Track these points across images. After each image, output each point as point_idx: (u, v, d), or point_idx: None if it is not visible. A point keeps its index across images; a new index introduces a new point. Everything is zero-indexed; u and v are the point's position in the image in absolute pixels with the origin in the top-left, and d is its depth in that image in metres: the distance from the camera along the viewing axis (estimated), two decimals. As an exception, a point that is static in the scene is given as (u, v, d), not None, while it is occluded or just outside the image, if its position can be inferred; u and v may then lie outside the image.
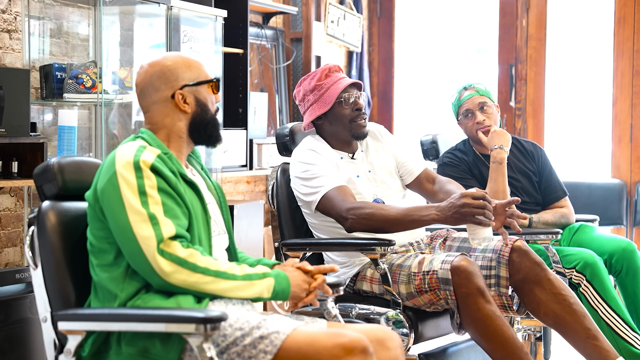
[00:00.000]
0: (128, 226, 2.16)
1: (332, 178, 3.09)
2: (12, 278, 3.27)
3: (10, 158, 3.32)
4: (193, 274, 2.16)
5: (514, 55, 6.00)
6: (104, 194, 2.20)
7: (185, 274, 2.15)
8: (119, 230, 2.17)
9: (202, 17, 4.32)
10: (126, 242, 2.16)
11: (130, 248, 2.16)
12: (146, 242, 2.14)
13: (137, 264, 2.17)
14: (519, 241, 3.08)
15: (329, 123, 3.24)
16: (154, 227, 2.15)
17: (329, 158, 3.18)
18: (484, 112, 3.81)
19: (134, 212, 2.16)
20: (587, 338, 3.01)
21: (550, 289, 3.03)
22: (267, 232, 5.13)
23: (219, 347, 2.11)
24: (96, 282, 2.25)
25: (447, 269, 2.88)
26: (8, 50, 3.65)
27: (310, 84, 3.23)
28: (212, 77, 2.40)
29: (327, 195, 3.06)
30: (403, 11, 6.50)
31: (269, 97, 5.37)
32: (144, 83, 2.35)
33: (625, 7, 5.74)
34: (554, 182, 3.90)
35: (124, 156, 2.22)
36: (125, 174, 2.19)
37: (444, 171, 3.82)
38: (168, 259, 2.14)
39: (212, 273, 2.18)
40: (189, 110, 2.35)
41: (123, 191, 2.17)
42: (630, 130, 5.72)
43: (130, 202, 2.16)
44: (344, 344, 2.07)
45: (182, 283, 2.15)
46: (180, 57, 2.38)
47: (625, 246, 3.60)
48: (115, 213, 2.17)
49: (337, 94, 3.19)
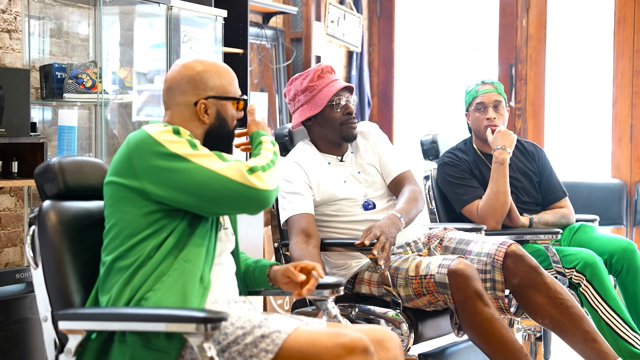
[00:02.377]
0: (201, 169, 2.18)
1: (298, 205, 3.10)
2: (12, 278, 3.27)
3: (10, 158, 3.32)
4: (274, 168, 2.27)
5: (514, 55, 6.00)
6: (151, 167, 2.19)
7: (273, 173, 2.25)
8: (191, 182, 2.17)
9: (202, 17, 4.31)
10: (207, 185, 2.17)
11: (215, 185, 2.17)
12: (230, 171, 2.17)
13: (230, 196, 2.18)
14: (514, 245, 3.07)
15: (318, 125, 3.22)
16: (226, 160, 2.21)
17: (313, 170, 3.17)
18: (496, 110, 3.83)
19: (199, 157, 2.19)
20: (586, 340, 3.01)
21: (546, 292, 3.03)
22: (267, 232, 5.13)
23: (220, 345, 2.12)
24: (109, 269, 2.23)
25: (444, 273, 2.87)
26: (8, 50, 3.65)
27: (302, 84, 3.20)
28: (240, 95, 2.41)
29: (288, 221, 3.12)
30: (403, 11, 6.50)
31: (269, 97, 5.37)
32: (174, 82, 2.36)
33: (625, 7, 5.74)
34: (554, 183, 3.91)
35: (157, 128, 2.24)
36: (167, 137, 2.21)
37: (444, 171, 3.82)
38: (256, 172, 2.20)
39: (274, 156, 2.32)
40: (207, 121, 2.36)
41: (174, 149, 2.19)
42: (630, 130, 5.72)
43: (189, 152, 2.19)
44: (345, 343, 2.07)
45: (275, 183, 2.25)
46: (215, 66, 2.39)
47: (626, 246, 3.60)
48: (179, 171, 2.17)
49: (329, 97, 3.16)
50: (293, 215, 3.09)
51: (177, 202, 2.20)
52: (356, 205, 3.16)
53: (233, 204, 2.20)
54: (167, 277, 2.19)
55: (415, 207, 3.10)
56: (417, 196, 3.14)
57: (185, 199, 2.19)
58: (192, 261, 2.22)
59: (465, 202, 3.71)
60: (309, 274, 2.40)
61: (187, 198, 2.18)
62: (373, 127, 3.35)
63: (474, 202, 3.70)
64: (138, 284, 2.19)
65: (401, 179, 3.23)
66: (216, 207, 2.20)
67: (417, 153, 4.12)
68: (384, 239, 2.89)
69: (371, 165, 3.26)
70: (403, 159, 3.29)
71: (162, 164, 2.18)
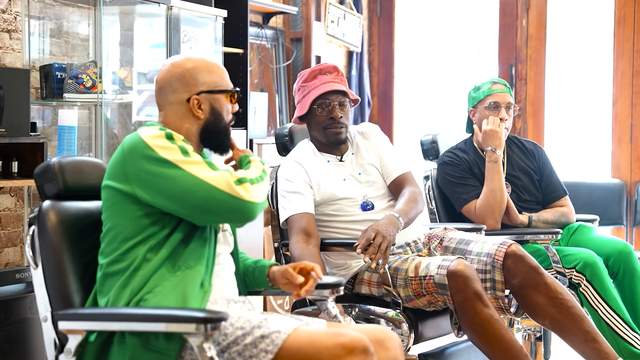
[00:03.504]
0: (189, 176, 2.17)
1: (298, 204, 3.10)
2: (12, 278, 3.27)
3: (10, 158, 3.32)
4: (261, 184, 2.26)
5: (514, 55, 6.00)
6: (141, 171, 2.19)
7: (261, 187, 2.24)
8: (178, 189, 2.16)
9: (202, 17, 4.31)
10: (194, 193, 2.16)
11: (202, 194, 2.16)
12: (217, 180, 2.17)
13: (215, 205, 2.17)
14: (514, 246, 3.07)
15: (309, 126, 3.25)
16: (216, 170, 2.20)
17: (313, 169, 3.17)
18: (507, 112, 3.85)
19: (189, 164, 2.18)
20: (586, 341, 3.01)
21: (547, 292, 3.03)
22: (267, 232, 5.13)
23: (219, 346, 2.12)
24: (105, 272, 2.23)
25: (443, 274, 2.87)
26: (8, 50, 3.65)
27: (298, 83, 3.23)
28: (232, 87, 2.40)
29: (288, 220, 3.11)
30: (403, 11, 6.50)
31: (269, 97, 5.37)
32: (164, 81, 2.36)
33: (625, 7, 5.74)
34: (554, 181, 3.91)
35: (151, 132, 2.24)
36: (160, 143, 2.20)
37: (444, 170, 3.82)
38: (244, 183, 2.20)
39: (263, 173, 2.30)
40: (202, 116, 2.35)
41: (165, 155, 2.18)
42: (630, 130, 5.72)
43: (180, 159, 2.18)
44: (345, 343, 2.07)
45: (262, 197, 2.24)
46: (204, 62, 2.38)
47: (622, 248, 3.59)
48: (167, 178, 2.17)
49: (312, 100, 3.15)
50: (293, 215, 3.08)
51: (165, 207, 2.20)
52: (355, 205, 3.15)
53: (218, 214, 2.19)
54: (167, 282, 2.19)
55: (415, 208, 3.10)
56: (416, 197, 3.13)
57: (171, 206, 2.19)
58: (192, 267, 2.22)
59: (465, 200, 3.71)
60: (307, 275, 2.40)
61: (174, 205, 2.18)
62: (374, 128, 3.34)
63: (474, 201, 3.70)
64: (137, 287, 2.19)
65: (401, 180, 3.22)
66: (202, 215, 2.20)
67: (417, 153, 4.11)
68: (379, 239, 2.88)
69: (372, 165, 3.26)
70: (403, 160, 3.28)
71: (152, 169, 2.18)
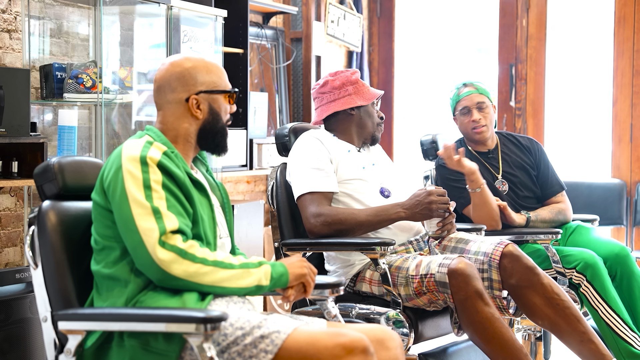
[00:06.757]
0: (131, 218, 2.16)
1: (321, 180, 3.11)
2: (12, 278, 3.27)
3: (10, 158, 3.32)
4: (192, 264, 2.15)
5: (514, 55, 6.00)
6: (109, 187, 2.20)
7: (185, 264, 2.14)
8: (122, 223, 2.17)
9: (202, 17, 4.31)
10: (128, 235, 2.16)
11: (132, 241, 2.16)
12: (148, 234, 2.14)
13: (138, 256, 2.16)
14: (510, 246, 3.08)
15: (360, 117, 3.29)
16: (157, 220, 2.15)
17: (333, 150, 3.19)
18: (481, 111, 3.82)
19: (138, 204, 2.16)
20: (582, 341, 3.02)
21: (543, 293, 3.04)
22: (267, 232, 5.13)
23: (219, 346, 2.12)
24: (99, 279, 2.25)
25: (444, 272, 2.88)
26: (8, 50, 3.65)
27: (351, 78, 3.29)
28: (231, 88, 2.40)
29: (307, 196, 3.10)
30: (403, 11, 6.50)
31: (269, 97, 5.37)
32: (163, 81, 2.36)
33: (625, 7, 5.74)
34: (550, 177, 3.88)
35: (131, 151, 2.22)
36: (131, 168, 2.19)
37: (441, 172, 3.81)
38: (168, 249, 2.14)
39: (211, 263, 2.17)
40: (200, 116, 2.35)
41: (127, 185, 2.18)
42: (630, 130, 5.72)
43: (135, 195, 2.17)
44: (345, 343, 2.07)
45: (182, 274, 2.14)
46: (202, 62, 2.38)
47: (619, 251, 3.58)
48: (119, 206, 2.17)
49: (376, 96, 3.30)
50: (313, 191, 3.10)
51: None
52: (374, 190, 3.18)
53: (138, 264, 2.18)
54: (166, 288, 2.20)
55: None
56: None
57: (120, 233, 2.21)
58: None
59: (462, 205, 3.70)
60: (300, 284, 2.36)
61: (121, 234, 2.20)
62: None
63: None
64: (132, 294, 2.20)
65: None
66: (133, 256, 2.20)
67: (417, 153, 4.12)
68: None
69: (383, 162, 3.34)
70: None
71: (115, 191, 2.19)
